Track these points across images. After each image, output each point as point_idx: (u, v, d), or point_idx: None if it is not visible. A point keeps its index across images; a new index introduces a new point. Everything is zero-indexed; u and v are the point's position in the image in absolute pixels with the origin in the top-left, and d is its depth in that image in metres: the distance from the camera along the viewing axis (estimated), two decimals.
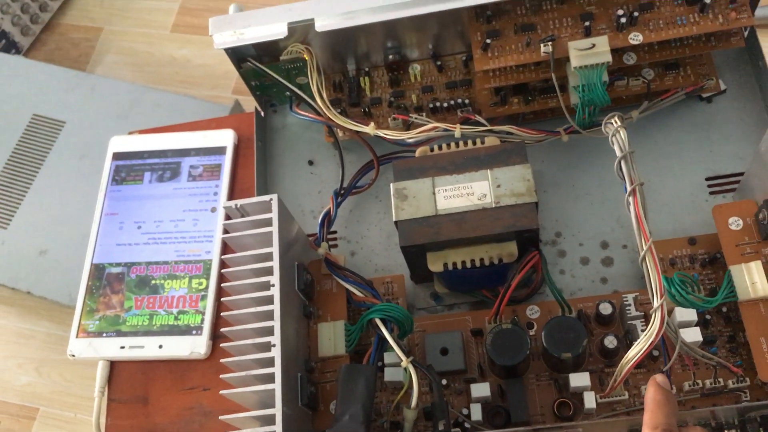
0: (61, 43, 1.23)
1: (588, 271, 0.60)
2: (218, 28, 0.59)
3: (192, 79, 1.03)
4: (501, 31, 0.59)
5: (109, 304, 0.64)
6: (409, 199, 0.55)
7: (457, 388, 0.55)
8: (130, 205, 0.68)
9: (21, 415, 1.02)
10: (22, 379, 1.06)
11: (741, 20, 0.55)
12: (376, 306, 0.52)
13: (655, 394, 0.44)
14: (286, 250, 0.54)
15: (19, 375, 1.05)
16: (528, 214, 0.53)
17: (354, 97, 0.65)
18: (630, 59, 0.58)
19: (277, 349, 0.48)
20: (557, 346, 0.51)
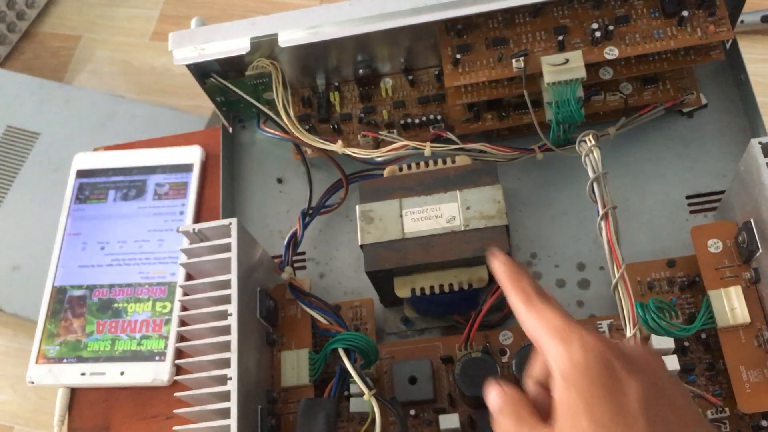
0: (39, 52, 1.21)
1: (564, 294, 0.57)
2: (178, 43, 0.57)
3: (171, 88, 1.00)
4: (472, 45, 0.56)
5: (70, 329, 0.62)
6: (375, 221, 0.53)
7: (426, 418, 0.53)
8: (94, 225, 0.66)
9: None
10: None
11: (720, 34, 0.53)
12: (339, 335, 0.50)
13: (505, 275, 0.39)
14: (248, 276, 0.52)
15: None
16: (498, 238, 0.51)
17: (323, 113, 0.63)
18: (606, 74, 0.56)
19: (233, 382, 0.46)
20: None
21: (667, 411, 0.34)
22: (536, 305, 0.38)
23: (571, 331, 0.35)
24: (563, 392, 0.34)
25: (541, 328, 0.37)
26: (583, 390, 0.34)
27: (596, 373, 0.34)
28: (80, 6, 1.22)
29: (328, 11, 0.56)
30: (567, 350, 0.35)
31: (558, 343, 0.35)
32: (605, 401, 0.33)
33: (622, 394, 0.34)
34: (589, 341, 0.35)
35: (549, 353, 0.36)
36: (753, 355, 0.48)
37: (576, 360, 0.34)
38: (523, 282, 0.39)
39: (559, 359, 0.35)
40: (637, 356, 0.36)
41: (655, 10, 0.54)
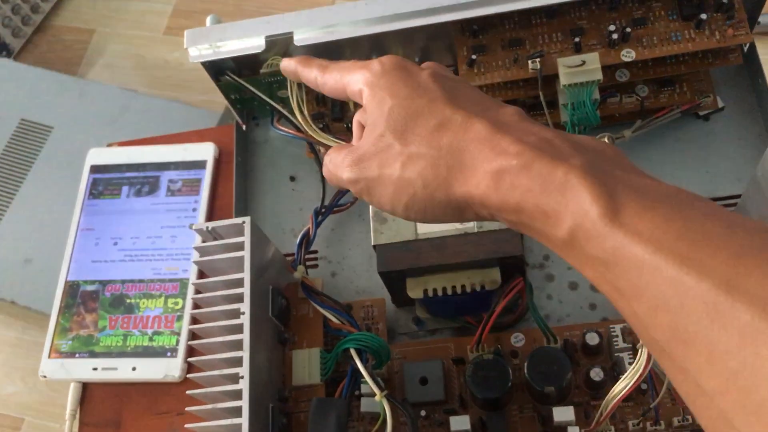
0: (53, 45, 1.21)
1: (576, 296, 0.57)
2: (194, 41, 0.57)
3: (184, 83, 1.00)
4: (488, 46, 0.56)
5: (83, 324, 0.63)
6: (389, 222, 0.53)
7: (437, 419, 0.53)
8: (107, 220, 0.66)
9: (6, 425, 1.01)
10: (8, 388, 1.04)
11: (739, 37, 0.53)
12: (351, 335, 0.50)
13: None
14: (260, 275, 0.52)
15: (5, 384, 1.04)
16: (512, 240, 0.51)
17: (337, 112, 0.63)
18: (623, 76, 0.56)
19: (245, 381, 0.46)
20: (540, 378, 0.49)
21: (458, 84, 0.39)
22: (332, 66, 0.43)
23: (368, 61, 0.40)
24: (369, 94, 0.39)
25: (343, 73, 0.42)
26: (383, 83, 0.38)
27: (393, 68, 0.39)
28: (95, 0, 1.21)
29: (344, 10, 0.55)
30: (368, 68, 0.40)
31: (359, 69, 0.40)
32: (403, 82, 0.38)
33: (417, 76, 0.38)
34: (384, 57, 0.40)
35: (355, 82, 0.40)
36: None
37: (375, 69, 0.39)
38: (314, 61, 0.45)
39: (363, 77, 0.39)
40: (426, 64, 0.41)
41: (673, 12, 0.54)
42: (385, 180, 0.36)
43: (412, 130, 0.36)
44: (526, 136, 0.34)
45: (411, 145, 0.36)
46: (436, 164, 0.35)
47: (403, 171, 0.36)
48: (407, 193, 0.36)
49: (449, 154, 0.34)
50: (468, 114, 0.35)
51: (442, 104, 0.36)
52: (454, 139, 0.35)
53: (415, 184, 0.35)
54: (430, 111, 0.36)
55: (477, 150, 0.34)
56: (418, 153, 0.35)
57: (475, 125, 0.34)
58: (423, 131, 0.36)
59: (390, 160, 0.36)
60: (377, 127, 0.37)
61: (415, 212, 0.36)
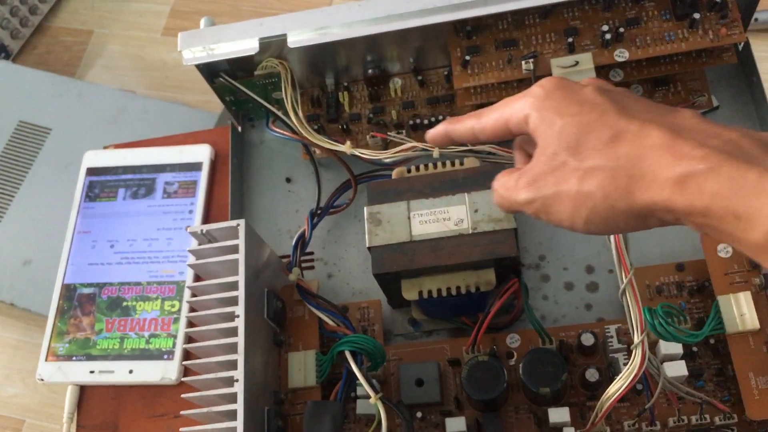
0: (51, 47, 1.21)
1: (572, 297, 0.57)
2: (188, 43, 0.57)
3: (182, 83, 1.00)
4: (482, 46, 0.56)
5: (80, 327, 0.63)
6: (383, 223, 0.53)
7: (433, 420, 0.53)
8: (104, 223, 0.67)
9: (6, 426, 1.01)
10: (8, 390, 1.04)
11: (732, 36, 0.53)
12: (346, 337, 0.50)
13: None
14: (255, 277, 0.52)
15: (5, 386, 1.04)
16: (506, 241, 0.51)
17: (332, 113, 0.63)
18: (617, 76, 0.56)
19: (240, 384, 0.46)
20: (535, 380, 0.49)
21: (625, 95, 0.38)
22: (486, 109, 0.42)
23: (526, 90, 0.40)
24: (536, 117, 0.38)
25: (502, 109, 0.41)
26: (549, 104, 0.38)
27: (556, 89, 0.39)
28: (92, 0, 1.22)
29: (337, 12, 0.55)
30: (529, 95, 0.39)
31: (520, 99, 0.40)
32: (569, 100, 0.38)
33: (582, 93, 0.38)
34: (543, 80, 0.40)
35: (519, 111, 0.39)
36: (762, 362, 0.48)
37: (537, 93, 0.39)
38: (462, 116, 0.43)
39: (523, 103, 0.39)
40: (585, 81, 0.41)
41: (666, 12, 0.54)
42: (562, 197, 0.36)
43: (586, 144, 0.36)
44: (709, 139, 0.34)
45: (587, 159, 0.36)
46: (616, 175, 0.35)
47: (581, 185, 0.36)
48: (587, 206, 0.36)
49: (628, 163, 0.34)
50: (642, 122, 0.35)
51: (614, 116, 0.36)
52: (632, 149, 0.34)
53: (595, 197, 0.35)
54: (602, 124, 0.36)
55: (657, 157, 0.33)
56: (595, 166, 0.35)
57: (652, 132, 0.34)
58: (598, 144, 0.36)
59: (566, 177, 0.36)
60: (549, 146, 0.37)
61: (596, 225, 0.36)
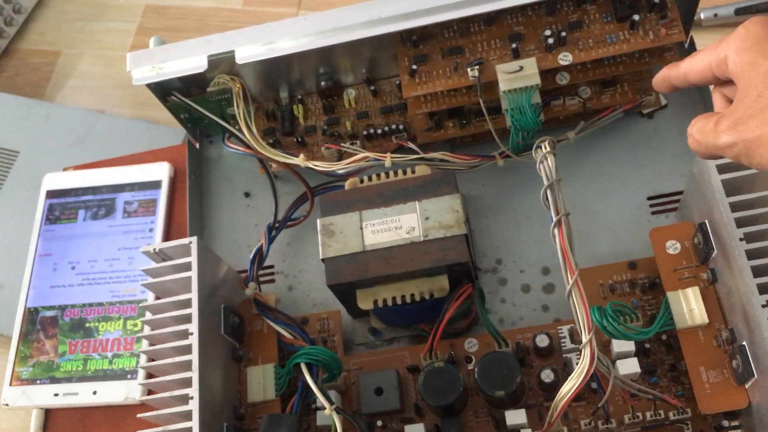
0: (20, 69, 1.21)
1: (529, 299, 0.58)
2: (136, 63, 0.57)
3: (151, 101, 0.99)
4: (428, 55, 0.57)
5: (43, 350, 0.63)
6: (336, 235, 0.53)
7: (393, 428, 0.53)
8: (64, 245, 0.67)
9: None
10: None
11: (672, 36, 0.53)
12: (301, 350, 0.51)
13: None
14: (212, 294, 0.52)
15: None
16: (457, 247, 0.51)
17: (287, 126, 0.63)
18: (563, 79, 0.57)
19: (195, 402, 0.46)
20: (490, 383, 0.49)
21: None
22: (695, 53, 0.42)
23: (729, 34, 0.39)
24: (738, 60, 0.38)
25: (707, 52, 0.40)
26: (751, 45, 0.37)
27: (759, 29, 0.38)
28: (59, 21, 1.22)
29: (284, 26, 0.56)
30: (731, 36, 0.38)
31: (722, 42, 0.39)
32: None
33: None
34: (747, 22, 0.38)
35: (720, 51, 0.39)
36: (712, 356, 0.49)
37: (740, 33, 0.38)
38: (672, 64, 0.44)
39: (725, 44, 0.38)
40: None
41: (608, 15, 0.55)
42: (766, 139, 0.35)
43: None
44: None
45: None
46: None
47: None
48: None
49: None
50: None
51: None
52: None
53: None
54: None
55: None
56: None
57: None
58: None
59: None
60: (753, 88, 0.36)
61: None
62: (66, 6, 1.18)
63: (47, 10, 1.19)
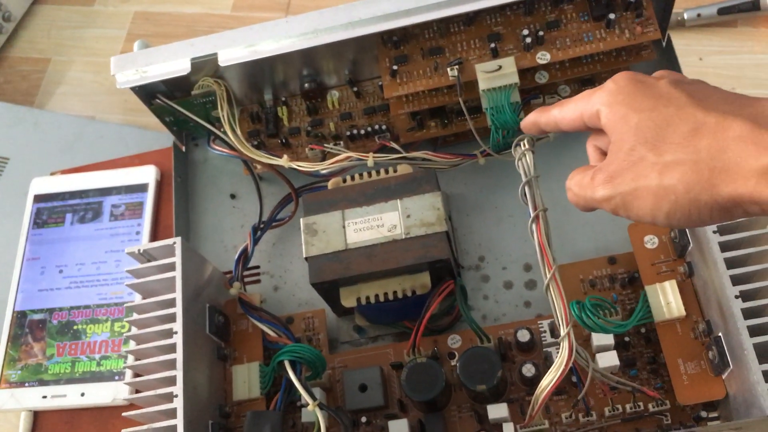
0: (10, 76, 1.21)
1: (511, 295, 0.58)
2: (120, 67, 0.58)
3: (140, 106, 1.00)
4: (409, 55, 0.57)
5: (31, 353, 0.63)
6: (319, 234, 0.54)
7: (378, 424, 0.53)
8: (52, 249, 0.67)
9: None
10: None
11: (648, 34, 0.54)
12: (285, 347, 0.51)
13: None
14: (197, 294, 0.53)
15: None
16: (438, 244, 0.52)
17: (271, 128, 0.64)
18: (542, 78, 0.57)
19: (179, 399, 0.47)
20: (472, 378, 0.50)
21: (701, 86, 0.38)
22: (566, 100, 0.43)
23: (600, 85, 0.40)
24: (609, 113, 0.38)
25: (577, 102, 0.41)
26: (622, 99, 0.38)
27: (629, 83, 0.39)
28: (48, 29, 1.23)
29: (265, 29, 0.57)
30: (602, 90, 0.40)
31: (593, 93, 0.40)
32: (643, 94, 0.37)
33: (655, 87, 0.38)
34: (616, 75, 0.40)
35: (591, 105, 0.40)
36: (690, 348, 0.49)
37: (610, 87, 0.39)
38: (551, 106, 0.45)
39: (596, 97, 0.40)
40: (657, 73, 0.40)
41: (585, 14, 0.56)
42: (642, 192, 0.36)
43: (664, 139, 0.36)
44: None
45: (666, 153, 0.35)
46: (697, 168, 0.34)
47: (661, 179, 0.35)
48: (668, 200, 0.35)
49: (709, 156, 0.34)
50: (722, 114, 0.34)
51: (692, 109, 0.35)
52: (713, 141, 0.34)
53: (677, 190, 0.35)
54: (680, 118, 0.36)
55: (740, 149, 0.33)
56: (676, 160, 0.35)
57: (733, 124, 0.34)
58: (677, 138, 0.35)
59: (646, 172, 0.36)
60: (625, 141, 0.37)
61: (679, 219, 0.36)
62: (55, 13, 1.18)
63: (37, 17, 1.20)
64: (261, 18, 1.30)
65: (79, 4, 1.13)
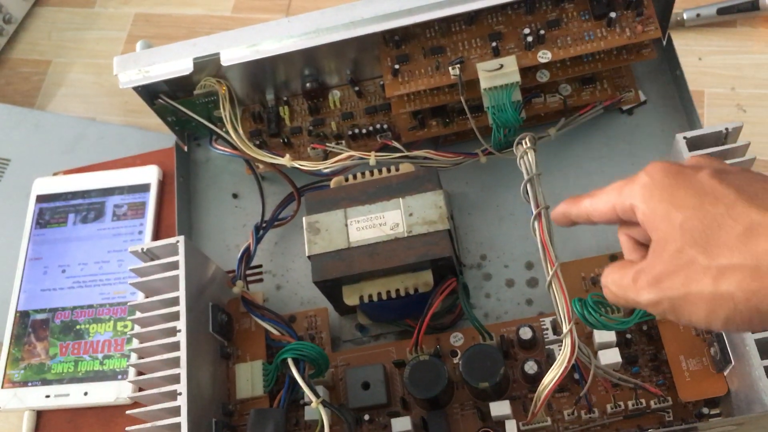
0: (11, 79, 1.22)
1: (513, 293, 0.59)
2: (123, 66, 0.58)
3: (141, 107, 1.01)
4: (411, 55, 0.58)
5: (34, 353, 0.63)
6: (322, 232, 0.54)
7: (381, 422, 0.54)
8: (55, 249, 0.67)
9: None
10: None
11: (648, 33, 0.55)
12: (288, 345, 0.51)
13: None
14: (200, 292, 0.53)
15: None
16: (440, 242, 0.52)
17: (273, 128, 0.64)
18: (543, 77, 0.58)
19: (183, 397, 0.47)
20: (474, 375, 0.50)
21: (747, 177, 0.35)
22: (597, 191, 0.41)
23: (631, 177, 0.38)
24: (647, 210, 0.36)
25: (608, 194, 0.39)
26: (660, 194, 0.35)
27: (665, 176, 0.36)
28: (49, 31, 1.23)
29: (268, 28, 0.57)
30: (635, 182, 0.37)
31: (625, 186, 0.38)
32: (685, 190, 0.35)
33: (696, 179, 0.35)
34: (648, 166, 0.37)
35: (625, 199, 0.37)
36: (691, 344, 0.50)
37: (644, 181, 0.36)
38: (581, 195, 0.42)
39: (629, 191, 0.37)
40: (691, 161, 0.38)
41: (585, 12, 0.56)
42: (694, 298, 0.33)
43: (716, 241, 0.33)
44: None
45: (719, 257, 0.32)
46: (757, 275, 0.31)
47: (717, 286, 0.32)
48: (726, 307, 0.32)
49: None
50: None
51: (744, 207, 0.32)
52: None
53: (736, 298, 0.32)
54: (731, 217, 0.33)
55: None
56: (731, 265, 0.32)
57: None
58: (730, 240, 0.32)
59: (698, 276, 0.33)
60: (670, 242, 0.34)
61: (738, 325, 0.33)
62: (56, 15, 1.19)
63: (37, 19, 1.20)
64: (262, 19, 1.30)
65: (79, 6, 1.13)
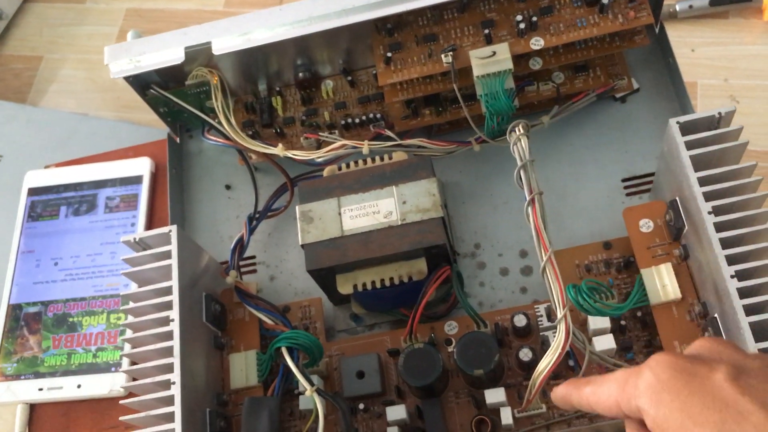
0: (2, 75, 1.21)
1: (508, 281, 0.58)
2: (114, 56, 0.58)
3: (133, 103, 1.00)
4: (403, 43, 0.58)
5: (27, 346, 0.63)
6: (315, 221, 0.54)
7: (375, 411, 0.53)
8: (47, 242, 0.67)
9: None
10: None
11: (640, 19, 0.55)
12: (282, 334, 0.51)
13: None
14: (193, 282, 0.53)
15: None
16: (434, 230, 0.52)
17: (266, 118, 0.64)
18: (536, 64, 0.58)
19: (176, 387, 0.47)
20: (469, 363, 0.50)
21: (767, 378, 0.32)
22: (599, 378, 0.38)
23: (632, 369, 0.35)
24: (656, 418, 0.33)
25: (613, 382, 0.36)
26: (668, 399, 0.32)
27: (672, 376, 0.33)
28: (40, 27, 1.22)
29: (259, 17, 0.57)
30: (639, 378, 0.34)
31: (627, 379, 0.35)
32: (699, 397, 0.31)
33: (710, 383, 0.32)
34: (651, 361, 0.34)
35: (629, 398, 0.34)
36: (686, 330, 0.49)
37: (649, 381, 0.33)
38: (584, 378, 0.40)
39: (633, 391, 0.34)
40: (699, 348, 0.36)
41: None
42: None
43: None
44: None
45: None
46: None
47: None
48: None
49: None
50: None
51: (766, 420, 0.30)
52: None
53: None
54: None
55: None
56: None
57: None
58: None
59: None
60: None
61: None
62: (47, 11, 1.18)
63: (29, 15, 1.19)
64: None
65: (71, 1, 1.12)
